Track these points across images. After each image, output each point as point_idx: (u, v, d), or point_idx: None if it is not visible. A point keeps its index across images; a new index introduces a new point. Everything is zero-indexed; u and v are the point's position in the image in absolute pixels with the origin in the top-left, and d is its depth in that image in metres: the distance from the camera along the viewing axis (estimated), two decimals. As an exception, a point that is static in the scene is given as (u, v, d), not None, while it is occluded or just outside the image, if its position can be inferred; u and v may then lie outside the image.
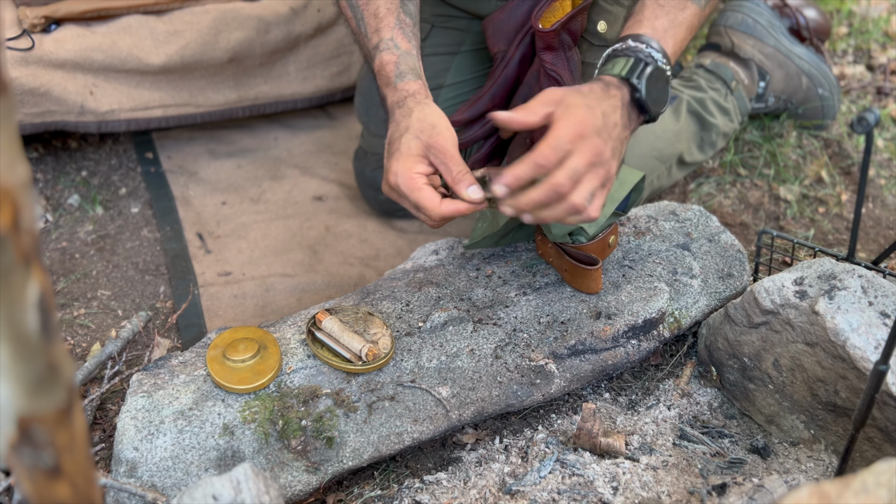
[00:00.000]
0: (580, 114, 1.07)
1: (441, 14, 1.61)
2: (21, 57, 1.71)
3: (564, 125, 1.06)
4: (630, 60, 1.17)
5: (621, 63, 1.17)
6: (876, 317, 1.14)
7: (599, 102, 1.11)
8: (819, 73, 1.95)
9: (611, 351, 1.28)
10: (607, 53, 1.20)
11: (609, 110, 1.12)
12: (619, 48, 1.19)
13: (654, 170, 1.73)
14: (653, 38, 1.19)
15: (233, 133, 2.08)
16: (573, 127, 1.06)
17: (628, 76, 1.16)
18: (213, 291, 1.62)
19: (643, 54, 1.17)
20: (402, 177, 1.13)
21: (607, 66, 1.18)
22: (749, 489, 1.08)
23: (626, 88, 1.16)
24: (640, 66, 1.17)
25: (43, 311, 0.51)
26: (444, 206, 1.12)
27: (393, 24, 1.26)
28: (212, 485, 0.93)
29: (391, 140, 1.18)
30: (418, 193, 1.13)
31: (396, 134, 1.17)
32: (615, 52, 1.19)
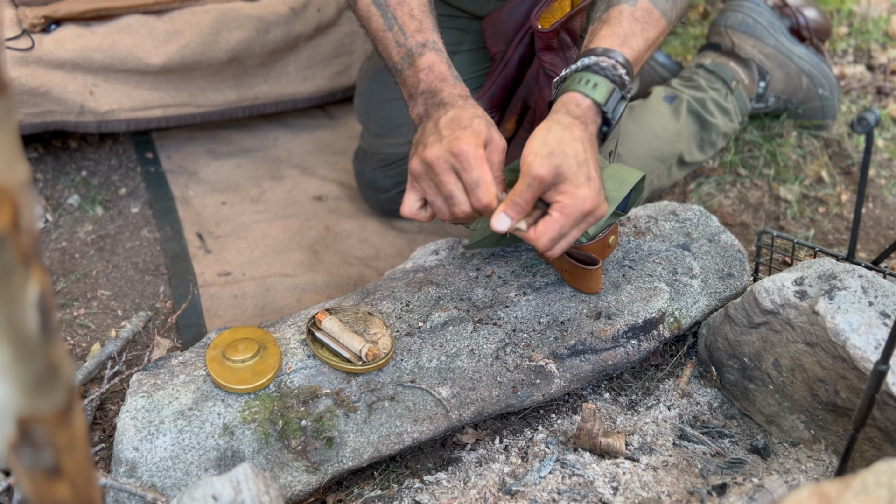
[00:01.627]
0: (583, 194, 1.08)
1: (441, 14, 1.61)
2: (21, 57, 1.71)
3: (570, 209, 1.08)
4: (611, 88, 1.14)
5: (603, 89, 1.14)
6: (876, 317, 1.14)
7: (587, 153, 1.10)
8: (819, 73, 1.95)
9: (611, 351, 1.28)
10: (585, 63, 1.16)
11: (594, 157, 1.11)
12: (601, 65, 1.15)
13: (654, 170, 1.73)
14: (630, 62, 1.16)
15: (233, 133, 2.08)
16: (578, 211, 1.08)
17: (606, 109, 1.14)
18: (213, 291, 1.62)
19: (620, 81, 1.15)
20: (476, 151, 1.10)
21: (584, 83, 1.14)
22: (749, 489, 1.08)
23: (599, 119, 1.15)
24: (618, 97, 1.15)
25: (43, 311, 0.51)
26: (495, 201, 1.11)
27: (432, 27, 1.27)
28: (212, 485, 0.93)
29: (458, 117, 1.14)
30: (486, 172, 1.10)
31: (466, 114, 1.14)
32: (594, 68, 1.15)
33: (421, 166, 1.14)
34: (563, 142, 1.09)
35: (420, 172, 1.15)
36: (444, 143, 1.12)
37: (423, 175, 1.15)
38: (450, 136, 1.12)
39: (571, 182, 1.08)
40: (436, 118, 1.16)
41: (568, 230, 1.09)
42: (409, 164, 1.18)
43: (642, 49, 1.19)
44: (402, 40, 1.26)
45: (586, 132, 1.12)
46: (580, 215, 1.09)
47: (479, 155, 1.10)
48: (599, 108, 1.14)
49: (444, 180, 1.12)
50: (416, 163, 1.15)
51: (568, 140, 1.10)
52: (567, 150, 1.09)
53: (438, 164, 1.12)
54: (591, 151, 1.11)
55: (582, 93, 1.14)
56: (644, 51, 1.20)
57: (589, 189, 1.08)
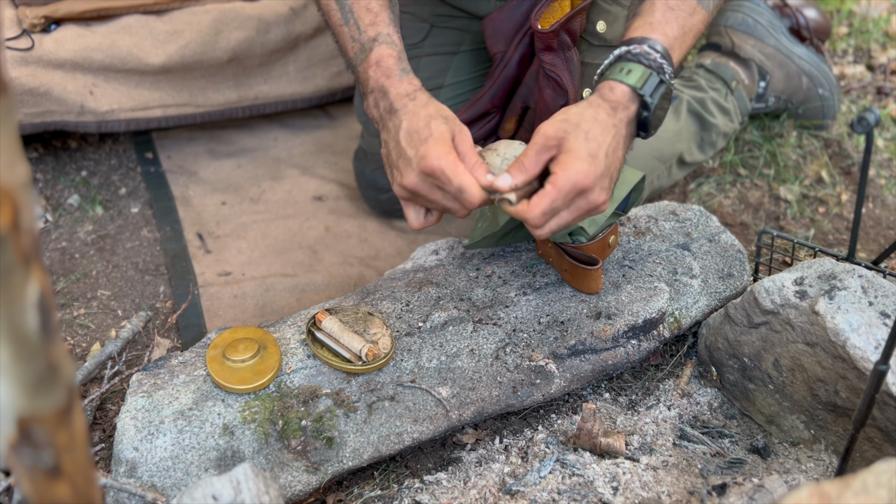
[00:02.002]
0: (581, 167, 1.04)
1: (440, 14, 1.61)
2: (21, 57, 1.71)
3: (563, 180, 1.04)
4: (647, 73, 1.11)
5: (637, 73, 1.11)
6: (876, 317, 1.14)
7: (604, 135, 1.07)
8: (819, 73, 1.95)
9: (611, 351, 1.28)
10: (618, 54, 1.14)
11: (613, 143, 1.08)
12: (633, 52, 1.13)
13: (654, 170, 1.73)
14: (665, 47, 1.14)
15: (233, 133, 2.08)
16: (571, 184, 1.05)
17: (643, 92, 1.11)
18: (213, 291, 1.62)
19: (656, 65, 1.12)
20: (446, 159, 1.07)
21: (618, 71, 1.12)
22: (749, 489, 1.08)
23: (637, 104, 1.12)
24: (656, 81, 1.12)
25: (43, 311, 0.51)
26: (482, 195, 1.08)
27: (388, 21, 1.25)
28: (212, 485, 0.93)
29: (415, 129, 1.12)
30: (464, 176, 1.07)
31: (420, 122, 1.12)
32: (627, 56, 1.13)
33: (406, 192, 1.14)
34: (581, 115, 1.07)
35: (408, 197, 1.14)
36: (414, 166, 1.10)
37: (412, 198, 1.14)
38: (416, 157, 1.09)
39: (572, 153, 1.05)
40: (394, 132, 1.14)
41: (560, 206, 1.06)
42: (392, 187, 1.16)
43: (678, 35, 1.16)
44: (357, 35, 1.25)
45: (613, 117, 1.09)
46: (572, 190, 1.05)
47: (451, 162, 1.08)
48: (635, 93, 1.11)
49: (433, 199, 1.12)
50: (399, 190, 1.14)
51: (588, 116, 1.07)
52: (581, 123, 1.06)
53: (420, 189, 1.11)
54: (610, 136, 1.08)
55: (616, 79, 1.12)
56: (681, 37, 1.17)
57: (588, 165, 1.05)
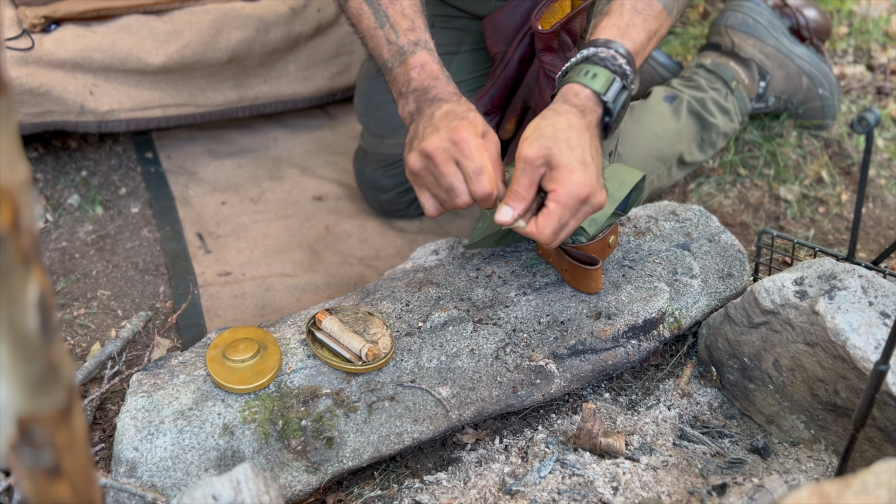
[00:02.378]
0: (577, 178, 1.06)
1: (441, 14, 1.62)
2: (21, 57, 1.71)
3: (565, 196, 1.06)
4: (611, 78, 1.13)
5: (602, 78, 1.13)
6: (876, 317, 1.14)
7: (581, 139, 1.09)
8: (819, 73, 1.95)
9: (611, 351, 1.28)
10: (585, 55, 1.15)
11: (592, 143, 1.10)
12: (600, 55, 1.14)
13: (654, 170, 1.73)
14: (631, 52, 1.15)
15: (233, 133, 2.08)
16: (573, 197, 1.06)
17: (606, 98, 1.13)
18: (213, 291, 1.62)
19: (620, 71, 1.13)
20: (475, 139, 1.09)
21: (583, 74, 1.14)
22: (749, 489, 1.08)
23: (600, 109, 1.13)
24: (619, 86, 1.13)
25: (43, 311, 0.51)
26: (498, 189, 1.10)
27: (424, 27, 1.27)
28: (212, 485, 0.93)
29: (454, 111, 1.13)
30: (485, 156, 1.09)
31: (462, 108, 1.14)
32: (594, 59, 1.14)
33: (419, 160, 1.13)
34: (555, 126, 1.08)
35: (419, 167, 1.13)
36: (441, 133, 1.10)
37: (422, 169, 1.13)
38: (447, 127, 1.11)
39: (565, 167, 1.06)
40: (430, 113, 1.15)
41: (567, 219, 1.08)
42: (405, 161, 1.16)
43: (643, 41, 1.18)
44: (394, 38, 1.26)
45: (583, 120, 1.11)
46: (576, 202, 1.07)
47: (480, 143, 1.09)
48: (599, 98, 1.13)
49: (444, 171, 1.11)
50: (413, 157, 1.13)
51: (561, 126, 1.09)
52: (559, 134, 1.08)
53: (438, 155, 1.10)
54: (587, 139, 1.09)
55: (580, 83, 1.13)
56: (645, 42, 1.19)
57: (583, 174, 1.06)
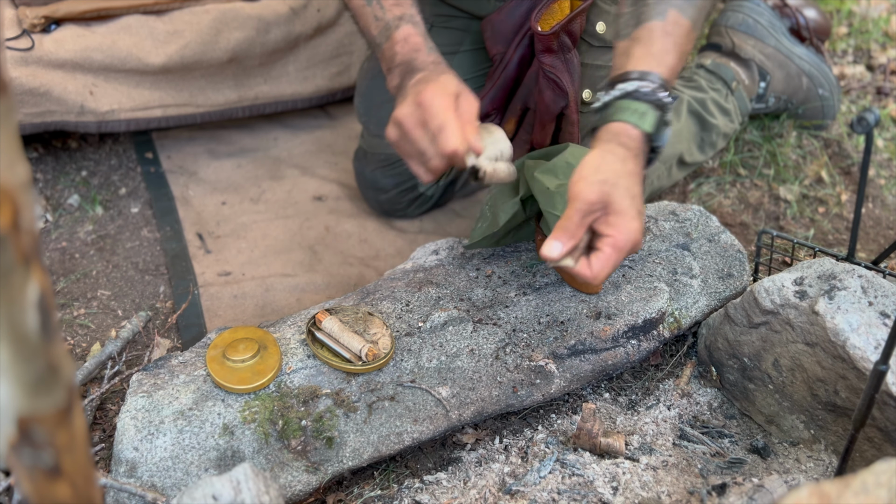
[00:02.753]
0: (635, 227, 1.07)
1: (440, 14, 1.61)
2: (21, 57, 1.71)
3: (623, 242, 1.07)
4: (658, 116, 1.12)
5: (651, 118, 1.11)
6: (876, 317, 1.14)
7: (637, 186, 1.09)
8: (819, 74, 1.95)
9: (611, 351, 1.28)
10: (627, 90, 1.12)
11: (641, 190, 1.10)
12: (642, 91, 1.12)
13: (654, 170, 1.73)
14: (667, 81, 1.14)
15: (233, 133, 2.08)
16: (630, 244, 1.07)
17: (656, 139, 1.12)
18: (213, 291, 1.62)
19: (661, 104, 1.12)
20: (439, 96, 1.10)
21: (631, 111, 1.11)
22: (749, 489, 1.08)
23: (648, 148, 1.13)
24: (663, 124, 1.12)
25: (43, 311, 0.51)
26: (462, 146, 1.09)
27: (411, 2, 1.27)
28: (212, 485, 0.93)
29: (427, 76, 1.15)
30: (449, 114, 1.09)
31: (435, 74, 1.15)
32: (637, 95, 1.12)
33: (394, 130, 1.14)
34: (617, 173, 1.08)
35: (395, 137, 1.15)
36: (409, 98, 1.12)
37: (399, 139, 1.15)
38: (414, 92, 1.12)
39: (624, 215, 1.06)
40: (407, 85, 1.17)
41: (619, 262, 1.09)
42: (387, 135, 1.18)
43: (677, 65, 1.17)
44: (381, 14, 1.27)
45: (637, 166, 1.10)
46: (630, 249, 1.08)
47: (443, 103, 1.10)
48: (647, 139, 1.12)
49: (414, 137, 1.12)
50: (390, 128, 1.15)
51: (622, 173, 1.08)
52: (620, 181, 1.07)
53: (406, 121, 1.12)
54: (639, 187, 1.10)
55: (632, 123, 1.11)
56: (678, 66, 1.18)
57: (640, 223, 1.08)
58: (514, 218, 1.34)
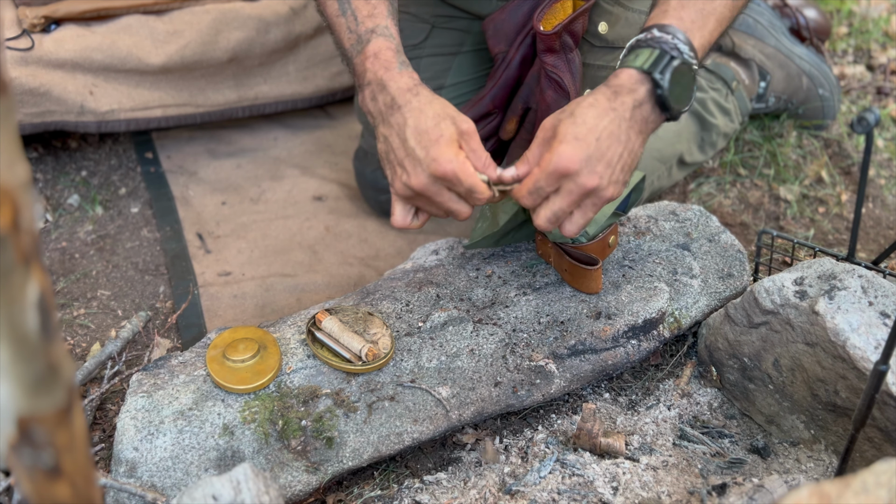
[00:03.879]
0: (564, 150, 1.05)
1: (441, 14, 1.61)
2: (21, 57, 1.71)
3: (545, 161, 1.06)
4: (654, 52, 1.11)
5: (644, 55, 1.11)
6: (876, 317, 1.14)
7: (598, 119, 1.07)
8: (819, 74, 1.95)
9: (611, 351, 1.28)
10: (630, 44, 1.14)
11: (611, 126, 1.08)
12: (643, 38, 1.12)
13: (654, 170, 1.73)
14: (679, 29, 1.12)
15: (233, 133, 2.08)
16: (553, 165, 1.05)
17: (650, 70, 1.10)
18: (213, 291, 1.62)
19: (668, 46, 1.11)
20: (457, 162, 1.08)
21: (629, 58, 1.13)
22: (749, 489, 1.08)
23: (648, 84, 1.11)
24: (665, 59, 1.10)
25: (43, 311, 0.51)
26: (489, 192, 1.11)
27: (386, 13, 1.24)
28: (212, 485, 0.93)
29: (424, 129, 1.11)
30: (475, 178, 1.09)
31: (429, 121, 1.11)
32: (638, 43, 1.13)
33: (410, 192, 1.13)
34: (578, 103, 1.08)
35: (411, 196, 1.14)
36: (423, 167, 1.10)
37: (414, 198, 1.14)
38: (427, 159, 1.09)
39: (558, 138, 1.06)
40: (398, 129, 1.13)
41: (545, 188, 1.07)
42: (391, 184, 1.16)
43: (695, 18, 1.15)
44: (354, 26, 1.24)
45: (613, 101, 1.09)
46: (554, 171, 1.05)
47: (462, 164, 1.09)
48: (642, 73, 1.10)
49: (440, 201, 1.12)
50: (403, 189, 1.13)
51: (585, 103, 1.08)
52: (576, 110, 1.07)
53: (429, 190, 1.11)
54: (607, 118, 1.07)
55: (622, 67, 1.12)
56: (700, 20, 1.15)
57: (572, 148, 1.05)
58: (514, 218, 1.34)
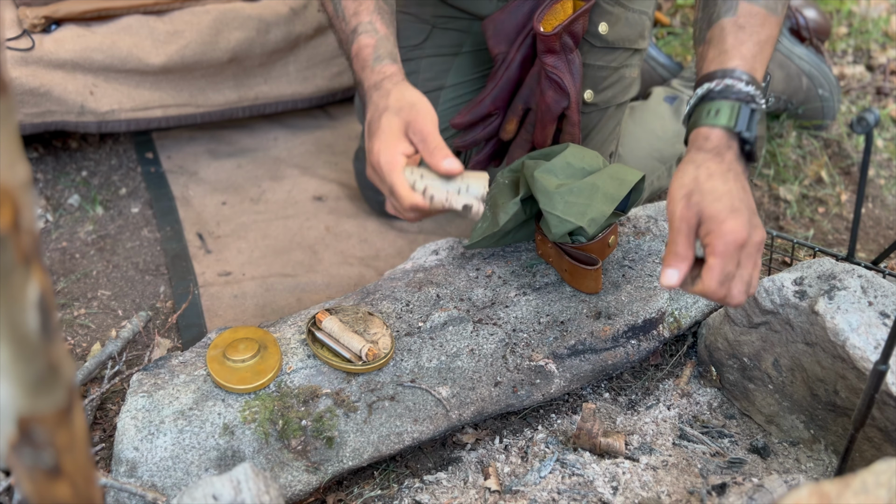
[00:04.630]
0: (731, 226, 1.01)
1: (441, 15, 1.61)
2: (21, 57, 1.71)
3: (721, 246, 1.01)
4: (735, 106, 1.07)
5: (726, 112, 1.07)
6: (876, 317, 1.14)
7: (726, 184, 1.04)
8: (819, 74, 1.95)
9: (611, 351, 1.28)
10: (701, 94, 1.10)
11: (737, 185, 1.05)
12: (716, 89, 1.09)
13: (654, 170, 1.73)
14: (745, 72, 1.09)
15: (233, 133, 2.08)
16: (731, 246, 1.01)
17: (738, 129, 1.07)
18: (213, 291, 1.62)
19: (743, 95, 1.08)
20: (385, 154, 1.10)
21: (706, 114, 1.09)
22: (749, 489, 1.08)
23: (736, 142, 1.08)
24: (748, 112, 1.08)
25: (43, 311, 0.51)
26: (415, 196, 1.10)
27: (372, 9, 1.24)
28: (212, 485, 0.93)
29: (370, 121, 1.15)
30: (395, 176, 1.10)
31: (376, 115, 1.14)
32: (712, 94, 1.09)
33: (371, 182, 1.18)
34: (698, 180, 1.05)
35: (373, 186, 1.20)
36: (369, 159, 1.14)
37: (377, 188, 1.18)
38: (368, 147, 1.14)
39: (715, 219, 1.02)
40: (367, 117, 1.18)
41: (731, 267, 1.03)
42: None
43: (755, 53, 1.12)
44: (344, 26, 1.26)
45: (722, 164, 1.07)
46: (734, 249, 1.02)
47: (391, 157, 1.11)
48: (731, 132, 1.08)
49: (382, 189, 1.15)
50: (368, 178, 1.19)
51: (703, 177, 1.05)
52: (704, 187, 1.04)
53: (373, 180, 1.15)
54: (732, 182, 1.05)
55: (707, 125, 1.08)
56: (759, 54, 1.13)
57: (735, 221, 1.02)
58: (514, 218, 1.34)
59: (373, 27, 1.22)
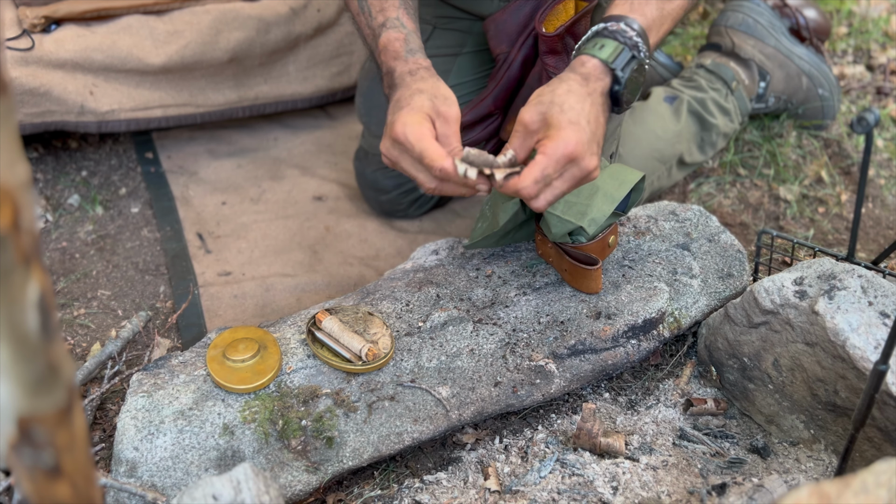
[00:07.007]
0: (568, 135, 1.06)
1: (443, 16, 1.61)
2: (21, 57, 1.71)
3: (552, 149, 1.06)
4: (619, 48, 1.14)
5: (610, 48, 1.14)
6: (876, 317, 1.14)
7: (581, 103, 1.09)
8: (819, 74, 1.95)
9: (611, 351, 1.28)
10: (595, 30, 1.17)
11: (592, 110, 1.10)
12: (609, 28, 1.16)
13: (654, 170, 1.73)
14: (642, 27, 1.16)
15: (233, 133, 2.08)
16: (561, 152, 1.06)
17: (614, 65, 1.13)
18: (213, 291, 1.62)
19: (631, 43, 1.15)
20: (411, 126, 1.09)
21: (592, 46, 1.15)
22: (749, 489, 1.08)
23: (608, 78, 1.14)
24: (628, 56, 1.14)
25: (43, 311, 0.51)
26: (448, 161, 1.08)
27: (398, 5, 1.26)
28: (212, 485, 0.93)
29: (400, 98, 1.15)
30: (426, 142, 1.09)
31: (407, 93, 1.14)
32: (604, 32, 1.16)
33: (386, 159, 1.16)
34: (554, 92, 1.10)
35: (389, 163, 1.16)
36: (387, 132, 1.13)
37: (392, 164, 1.16)
38: (391, 119, 1.13)
39: (555, 126, 1.07)
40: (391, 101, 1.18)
41: (552, 174, 1.07)
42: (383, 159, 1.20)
43: (656, 17, 1.19)
44: (370, 22, 1.27)
45: (586, 86, 1.12)
46: (562, 157, 1.06)
47: (415, 131, 1.09)
48: (606, 67, 1.14)
49: (403, 167, 1.14)
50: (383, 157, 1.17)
51: (561, 91, 1.10)
52: (556, 98, 1.09)
53: (391, 154, 1.14)
54: (587, 104, 1.10)
55: (588, 53, 1.15)
56: (658, 19, 1.19)
57: (573, 132, 1.07)
58: (514, 218, 1.34)
59: (400, 22, 1.24)
